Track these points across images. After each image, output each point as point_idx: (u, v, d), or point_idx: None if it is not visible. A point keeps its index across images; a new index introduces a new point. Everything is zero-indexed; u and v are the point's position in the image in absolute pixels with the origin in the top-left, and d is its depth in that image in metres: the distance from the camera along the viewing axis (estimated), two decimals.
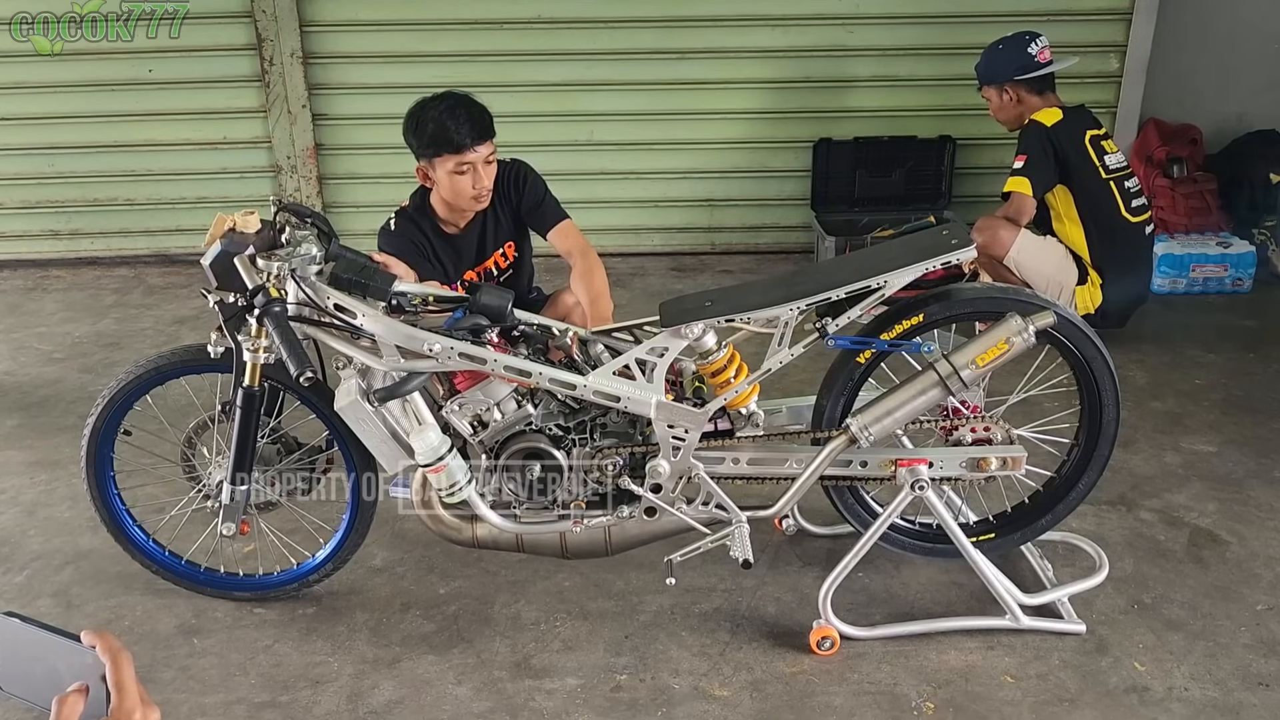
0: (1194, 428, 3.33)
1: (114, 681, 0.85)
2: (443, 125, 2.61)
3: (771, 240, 5.21)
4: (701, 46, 4.87)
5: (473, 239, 2.88)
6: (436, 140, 2.62)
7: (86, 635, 0.87)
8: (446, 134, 2.61)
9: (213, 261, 2.16)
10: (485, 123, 2.66)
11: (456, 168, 2.65)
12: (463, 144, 2.61)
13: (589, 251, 2.77)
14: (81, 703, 0.84)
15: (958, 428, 2.36)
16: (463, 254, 2.88)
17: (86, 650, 0.87)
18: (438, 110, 2.62)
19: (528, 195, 2.84)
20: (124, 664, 0.86)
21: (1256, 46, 4.94)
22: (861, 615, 2.42)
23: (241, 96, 4.95)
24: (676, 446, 2.24)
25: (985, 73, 3.88)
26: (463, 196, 2.70)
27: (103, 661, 0.86)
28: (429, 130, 2.63)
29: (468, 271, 2.90)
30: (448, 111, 2.61)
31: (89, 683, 0.86)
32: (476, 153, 2.64)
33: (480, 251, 2.91)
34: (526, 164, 2.88)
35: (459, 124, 2.61)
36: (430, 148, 2.65)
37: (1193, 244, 4.51)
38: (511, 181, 2.84)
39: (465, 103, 2.65)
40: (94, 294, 4.80)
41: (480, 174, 2.67)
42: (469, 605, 2.51)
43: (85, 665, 0.86)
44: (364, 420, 2.22)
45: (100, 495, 2.45)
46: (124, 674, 0.86)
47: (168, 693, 2.24)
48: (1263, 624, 2.39)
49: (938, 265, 2.15)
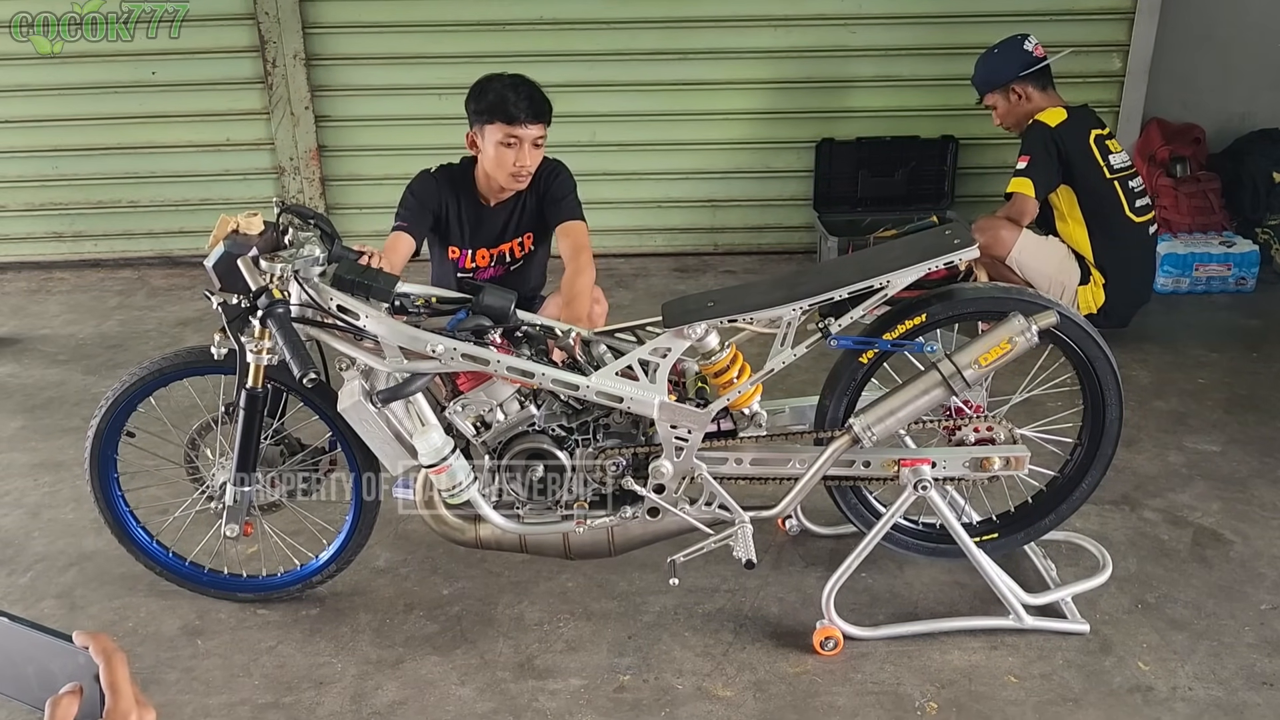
0: (1197, 427, 3.32)
1: (108, 683, 0.83)
2: (503, 96, 2.71)
3: (774, 241, 5.21)
4: (704, 47, 4.87)
5: (499, 218, 2.95)
6: (493, 107, 2.72)
7: (79, 636, 0.86)
8: (505, 104, 2.70)
9: (216, 263, 2.16)
10: (543, 107, 2.77)
11: (505, 138, 2.73)
12: (516, 117, 2.71)
13: (582, 253, 2.77)
14: (75, 705, 0.82)
15: (961, 427, 2.36)
16: (485, 227, 2.95)
17: (80, 651, 0.85)
18: (503, 83, 2.74)
19: (555, 187, 2.90)
20: (118, 665, 0.84)
21: (1259, 45, 4.93)
22: (865, 615, 2.42)
23: (244, 98, 4.96)
24: (679, 447, 2.24)
25: (987, 78, 3.86)
26: (503, 169, 2.77)
27: (96, 662, 0.84)
28: (489, 97, 2.73)
29: (483, 249, 2.96)
30: (511, 86, 2.73)
31: (83, 684, 0.84)
32: (527, 130, 2.73)
33: (502, 232, 2.97)
34: (565, 165, 2.95)
35: (519, 99, 2.71)
36: (485, 113, 2.74)
37: (1196, 243, 4.51)
38: (547, 174, 2.90)
39: (530, 85, 2.77)
40: (97, 296, 4.81)
41: (525, 152, 2.75)
42: (472, 606, 2.51)
43: (79, 666, 0.85)
44: (367, 421, 2.23)
45: (104, 497, 2.45)
46: (118, 675, 0.84)
47: (171, 694, 2.25)
48: (1267, 623, 2.39)
49: (940, 265, 2.16)
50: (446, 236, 2.94)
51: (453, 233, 2.93)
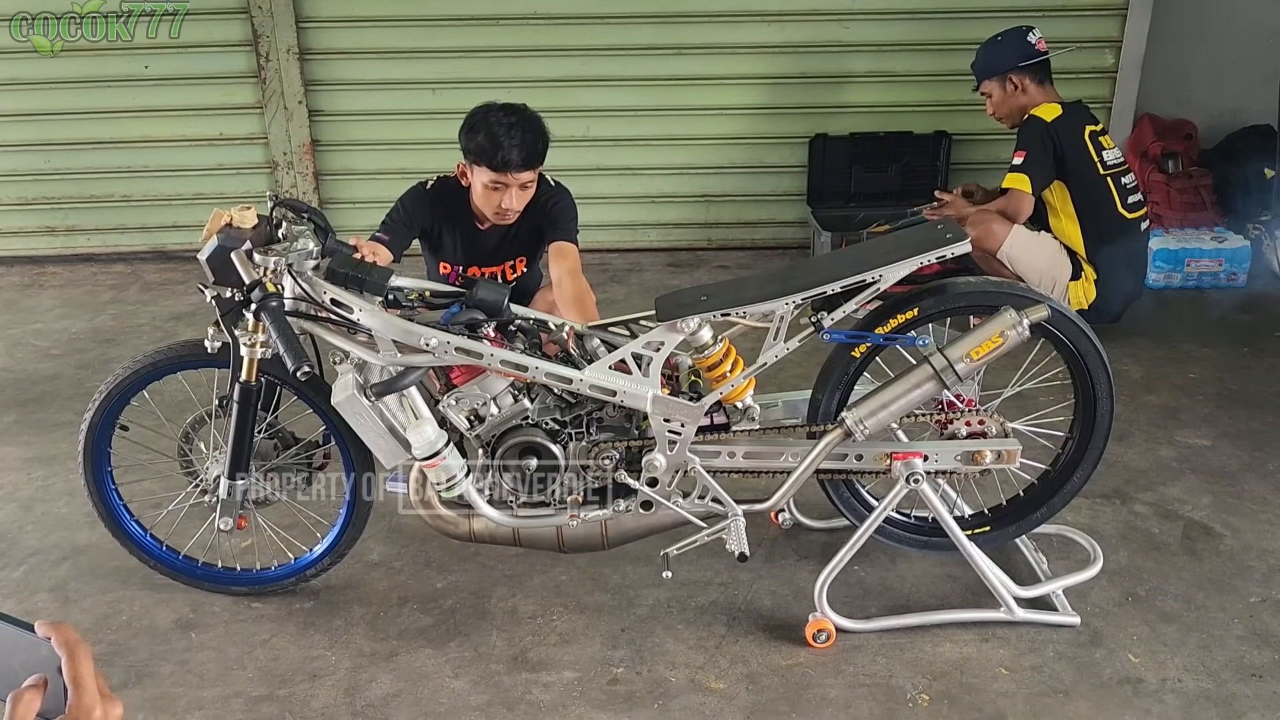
0: (1188, 421, 3.34)
1: (70, 677, 0.79)
2: (495, 140, 2.57)
3: (768, 236, 5.22)
4: (698, 42, 4.87)
5: (493, 240, 2.89)
6: (481, 151, 2.61)
7: (41, 626, 0.81)
8: (494, 150, 2.58)
9: (209, 257, 2.16)
10: (536, 150, 2.63)
11: (491, 183, 2.64)
12: (504, 166, 2.60)
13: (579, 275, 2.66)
14: (38, 699, 0.78)
15: (953, 421, 2.36)
16: (478, 247, 2.89)
17: (42, 642, 0.81)
18: (496, 123, 2.58)
19: (557, 211, 2.79)
20: (81, 657, 0.80)
21: (1251, 41, 4.94)
22: (857, 608, 2.43)
23: (238, 92, 4.95)
24: (672, 440, 2.24)
25: (986, 65, 3.86)
26: (488, 207, 2.71)
27: (59, 654, 0.80)
28: (479, 138, 2.60)
29: (474, 268, 2.91)
30: (505, 129, 2.58)
31: (48, 676, 0.79)
32: (515, 177, 2.63)
33: (494, 253, 2.91)
34: (568, 191, 2.84)
35: (510, 146, 2.57)
36: (474, 154, 2.64)
37: (1188, 239, 4.52)
38: (549, 199, 2.80)
39: (525, 125, 2.60)
40: (90, 290, 4.80)
41: (512, 195, 2.66)
42: (466, 599, 2.52)
43: (41, 659, 0.80)
44: (361, 415, 2.23)
45: (98, 490, 2.45)
46: (81, 668, 0.79)
47: (165, 687, 2.25)
48: (1256, 616, 2.40)
49: (932, 260, 2.16)
50: (438, 251, 2.90)
51: (445, 249, 2.88)
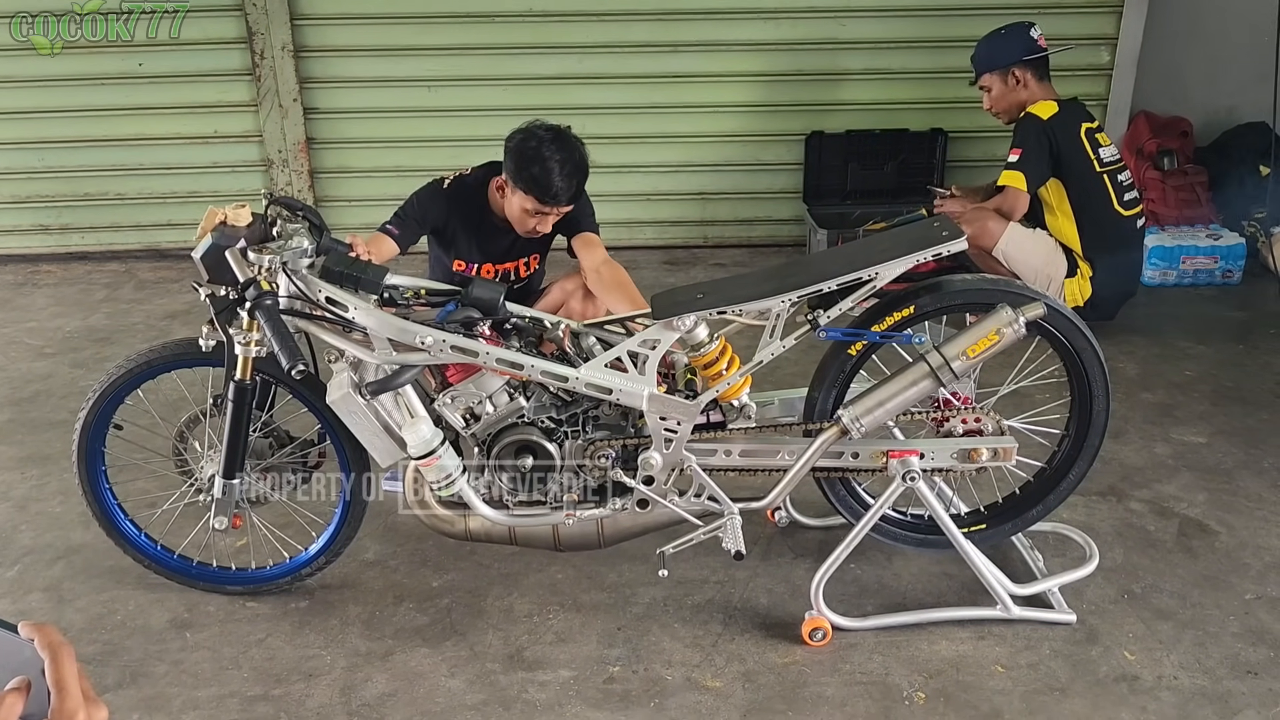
0: (1184, 419, 3.34)
1: (53, 680, 0.76)
2: (548, 175, 2.64)
3: (764, 233, 5.22)
4: (694, 40, 4.87)
5: (509, 239, 2.94)
6: (533, 182, 2.66)
7: (25, 627, 0.79)
8: (546, 185, 2.66)
9: (204, 255, 2.16)
10: (580, 184, 2.73)
11: (534, 210, 2.72)
12: (554, 202, 2.69)
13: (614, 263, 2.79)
14: (21, 702, 0.75)
15: (949, 419, 2.36)
16: (494, 245, 2.95)
17: (25, 643, 0.78)
18: (553, 157, 2.64)
19: (576, 208, 2.83)
20: (64, 659, 0.77)
21: (1246, 39, 4.94)
22: (853, 606, 2.43)
23: (232, 90, 4.93)
24: (668, 439, 2.24)
25: (988, 58, 3.84)
26: (521, 226, 2.80)
27: (42, 656, 0.77)
28: (533, 170, 2.65)
29: (489, 264, 2.96)
30: (559, 165, 2.64)
31: (31, 678, 0.77)
32: (559, 210, 2.73)
33: (508, 252, 2.97)
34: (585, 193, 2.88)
35: (563, 183, 2.66)
36: (522, 183, 2.68)
37: (1183, 236, 4.53)
38: None
39: (574, 160, 2.68)
40: (84, 289, 4.78)
41: (548, 221, 2.77)
42: (462, 598, 2.52)
43: (25, 660, 0.78)
44: (356, 413, 2.22)
45: (92, 490, 2.44)
46: (64, 671, 0.77)
47: (160, 686, 2.25)
48: (1251, 613, 2.41)
49: (928, 257, 2.16)
50: (452, 248, 2.95)
51: (459, 246, 2.94)
